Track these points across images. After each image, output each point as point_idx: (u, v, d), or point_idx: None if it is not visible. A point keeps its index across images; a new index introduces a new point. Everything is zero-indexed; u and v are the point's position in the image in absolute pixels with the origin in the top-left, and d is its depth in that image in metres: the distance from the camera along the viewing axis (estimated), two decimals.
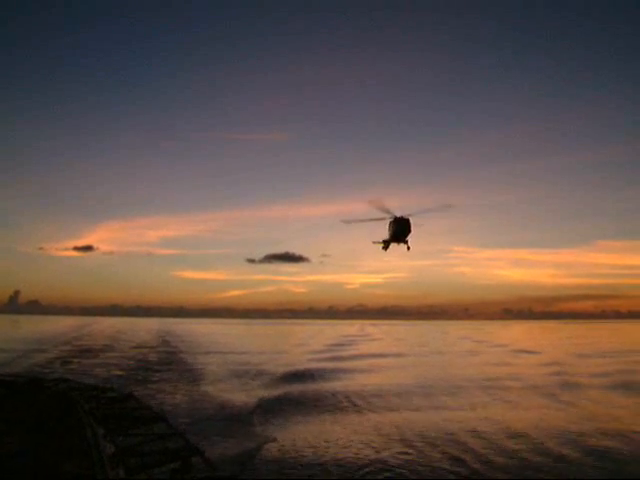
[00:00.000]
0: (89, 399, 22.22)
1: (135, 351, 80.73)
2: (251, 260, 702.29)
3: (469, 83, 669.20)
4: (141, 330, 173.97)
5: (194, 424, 27.60)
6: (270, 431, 27.27)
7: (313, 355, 76.34)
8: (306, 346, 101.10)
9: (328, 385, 43.67)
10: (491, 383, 46.28)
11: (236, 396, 38.06)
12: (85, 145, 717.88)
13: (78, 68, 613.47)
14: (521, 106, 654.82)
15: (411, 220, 30.24)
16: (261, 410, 32.75)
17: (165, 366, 58.64)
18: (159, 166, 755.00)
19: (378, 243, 32.63)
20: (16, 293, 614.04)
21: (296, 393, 38.78)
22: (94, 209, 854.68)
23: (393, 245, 31.98)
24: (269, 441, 24.84)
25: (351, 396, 37.86)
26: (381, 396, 38.42)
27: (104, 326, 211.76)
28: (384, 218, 30.67)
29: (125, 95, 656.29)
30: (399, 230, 30.58)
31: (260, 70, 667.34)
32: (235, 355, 76.91)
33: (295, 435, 26.34)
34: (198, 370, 54.83)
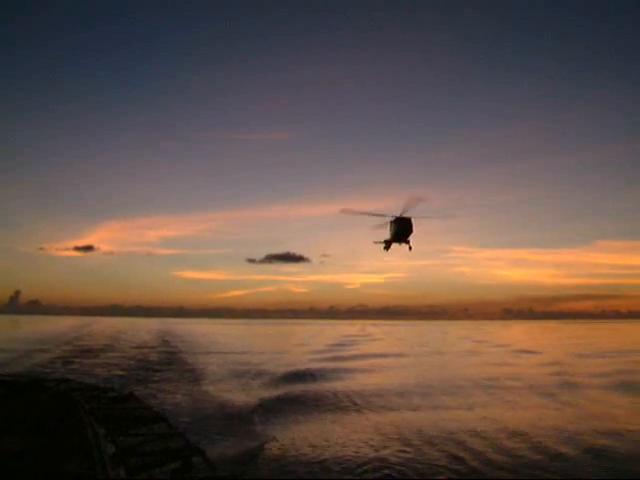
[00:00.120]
0: (90, 399, 22.25)
1: (135, 351, 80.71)
2: (251, 260, 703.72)
3: (469, 83, 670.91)
4: (141, 330, 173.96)
5: (195, 424, 27.64)
6: (271, 430, 27.28)
7: (314, 355, 76.33)
8: (307, 346, 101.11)
9: (329, 385, 43.68)
10: (491, 383, 46.26)
11: (236, 396, 38.09)
12: (85, 145, 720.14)
13: (78, 68, 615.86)
14: (521, 106, 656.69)
15: (413, 220, 30.04)
16: (262, 410, 32.76)
17: (165, 366, 58.64)
18: (159, 166, 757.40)
19: (379, 243, 32.47)
20: (16, 293, 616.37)
21: (297, 393, 38.78)
22: (94, 209, 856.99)
23: (394, 245, 31.89)
24: (270, 440, 24.84)
25: (352, 396, 37.87)
26: (382, 396, 38.42)
27: (104, 326, 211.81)
28: (385, 215, 30.59)
29: (125, 95, 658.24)
30: (400, 230, 30.41)
31: (260, 70, 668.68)
32: (235, 355, 76.91)
33: (296, 434, 26.36)
34: (198, 370, 54.84)
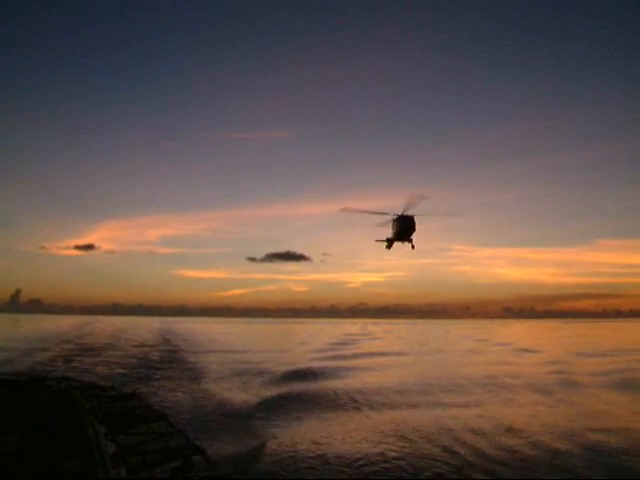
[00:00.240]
0: (90, 398, 22.28)
1: (137, 350, 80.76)
2: (252, 259, 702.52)
3: (469, 82, 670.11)
4: (142, 329, 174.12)
5: (195, 422, 27.62)
6: (272, 429, 27.27)
7: (315, 354, 76.33)
8: (307, 345, 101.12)
9: (330, 383, 43.66)
10: (491, 381, 46.26)
11: (237, 394, 38.09)
12: (85, 145, 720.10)
13: (78, 68, 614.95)
14: (521, 105, 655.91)
15: (415, 219, 29.44)
16: (262, 408, 32.75)
17: (166, 364, 58.67)
18: (159, 165, 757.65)
19: (381, 241, 32.12)
20: (17, 292, 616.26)
21: (298, 391, 38.76)
22: (94, 208, 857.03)
23: (395, 243, 31.49)
24: (271, 439, 24.82)
25: (353, 394, 37.85)
26: (382, 394, 38.41)
27: (105, 325, 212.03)
28: (387, 213, 30.09)
29: (125, 95, 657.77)
30: (403, 228, 29.92)
31: (260, 70, 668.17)
32: (236, 354, 76.91)
33: (297, 432, 26.35)
34: (199, 368, 54.84)
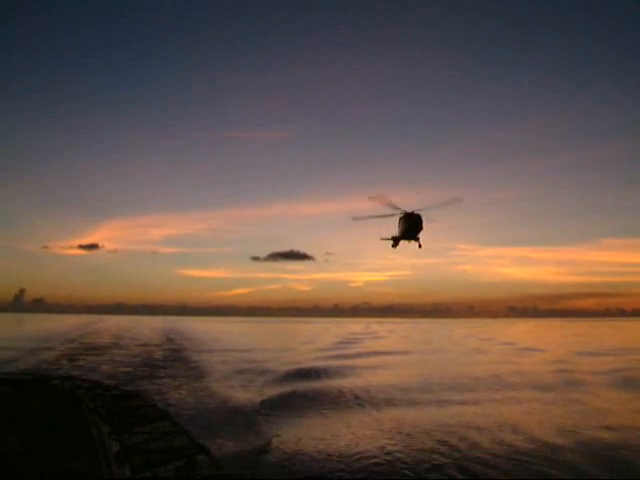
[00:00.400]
0: (94, 397, 22.29)
1: (140, 349, 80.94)
2: (256, 258, 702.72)
3: (469, 81, 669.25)
4: (146, 328, 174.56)
5: (199, 421, 27.63)
6: (275, 427, 27.25)
7: (318, 353, 76.27)
8: (311, 344, 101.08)
9: (333, 382, 43.58)
10: (495, 380, 46.12)
11: (241, 393, 38.09)
12: (85, 144, 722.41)
13: (78, 68, 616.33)
14: (521, 104, 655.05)
15: (422, 216, 29.11)
16: (266, 407, 32.72)
17: (170, 363, 58.74)
18: (159, 165, 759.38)
19: (386, 240, 31.84)
20: (21, 291, 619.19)
21: (301, 390, 38.70)
22: (94, 208, 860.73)
23: (401, 242, 31.13)
24: (274, 437, 24.78)
25: (356, 393, 37.77)
26: (386, 393, 38.32)
27: (109, 324, 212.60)
28: (394, 214, 29.65)
29: (125, 95, 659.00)
30: (410, 227, 29.50)
31: (260, 69, 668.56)
32: (240, 353, 76.96)
33: (300, 431, 26.32)
34: (202, 367, 54.88)
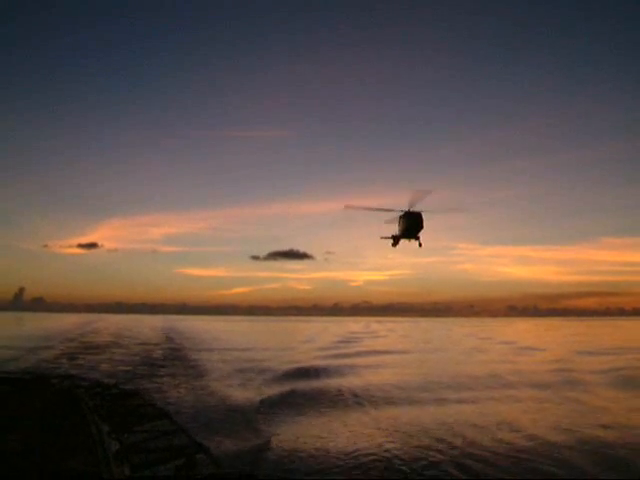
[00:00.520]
0: (94, 396, 22.26)
1: (140, 347, 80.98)
2: (255, 257, 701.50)
3: (469, 81, 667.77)
4: (145, 327, 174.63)
5: (198, 420, 27.61)
6: (275, 426, 27.21)
7: (318, 352, 76.31)
8: (311, 343, 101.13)
9: (333, 381, 43.60)
10: (495, 379, 46.12)
11: (240, 392, 38.08)
12: (85, 144, 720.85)
13: (78, 68, 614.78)
14: (521, 104, 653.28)
15: (423, 215, 28.97)
16: (266, 405, 32.70)
17: (170, 362, 58.77)
18: (159, 164, 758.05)
19: (387, 238, 31.75)
20: (21, 290, 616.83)
21: (301, 389, 38.70)
22: (94, 207, 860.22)
23: (401, 241, 31.04)
24: (274, 436, 24.72)
25: (356, 392, 37.76)
26: (385, 391, 38.38)
27: (109, 323, 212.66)
28: (392, 210, 29.56)
29: (125, 94, 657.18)
30: (410, 225, 29.40)
31: (260, 69, 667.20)
32: (239, 352, 76.96)
33: (300, 430, 26.29)
34: (202, 366, 54.89)
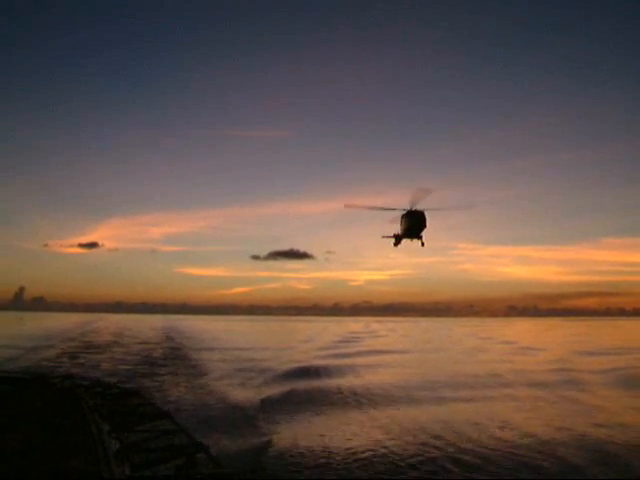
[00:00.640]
0: (94, 395, 22.26)
1: (140, 347, 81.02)
2: (256, 257, 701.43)
3: (469, 80, 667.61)
4: (146, 327, 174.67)
5: (198, 420, 27.53)
6: (275, 426, 27.19)
7: (318, 352, 76.30)
8: (311, 343, 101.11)
9: (333, 381, 43.61)
10: (495, 379, 46.19)
11: (240, 391, 38.07)
12: (85, 144, 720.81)
13: (78, 68, 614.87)
14: (521, 103, 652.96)
15: (426, 214, 28.25)
16: (266, 405, 32.68)
17: (170, 361, 58.79)
18: (159, 163, 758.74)
19: (388, 237, 31.12)
20: (21, 290, 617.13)
21: (301, 389, 38.72)
22: (95, 207, 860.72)
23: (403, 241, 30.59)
24: (274, 436, 24.71)
25: (356, 391, 37.81)
26: (385, 391, 38.43)
27: (109, 323, 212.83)
28: (394, 209, 28.87)
29: (125, 94, 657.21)
30: (413, 224, 28.71)
31: (260, 68, 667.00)
32: (239, 351, 76.94)
33: (300, 430, 26.30)
34: (202, 366, 54.91)
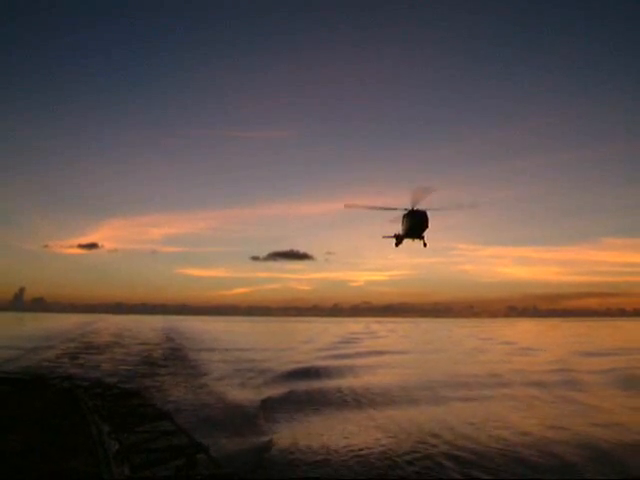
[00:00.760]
0: (94, 396, 22.26)
1: (141, 347, 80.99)
2: (256, 258, 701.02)
3: (469, 81, 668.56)
4: (146, 327, 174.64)
5: (198, 420, 27.53)
6: (275, 427, 27.20)
7: (318, 352, 76.27)
8: (311, 343, 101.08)
9: (333, 382, 43.62)
10: (495, 379, 46.18)
11: (241, 392, 38.04)
12: (85, 144, 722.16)
13: (78, 68, 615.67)
14: (521, 103, 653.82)
15: (428, 214, 27.72)
16: (266, 406, 32.66)
17: (170, 362, 58.76)
18: (159, 164, 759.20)
19: (389, 237, 30.55)
20: (21, 290, 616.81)
21: (301, 389, 38.73)
22: (95, 207, 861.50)
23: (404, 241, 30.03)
24: (274, 437, 24.69)
25: (356, 392, 37.82)
26: (386, 391, 38.41)
27: (109, 323, 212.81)
28: (395, 208, 28.31)
29: (125, 94, 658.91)
30: (415, 224, 28.17)
31: (260, 68, 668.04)
32: (240, 352, 76.94)
33: (300, 430, 26.28)
34: (202, 366, 54.89)
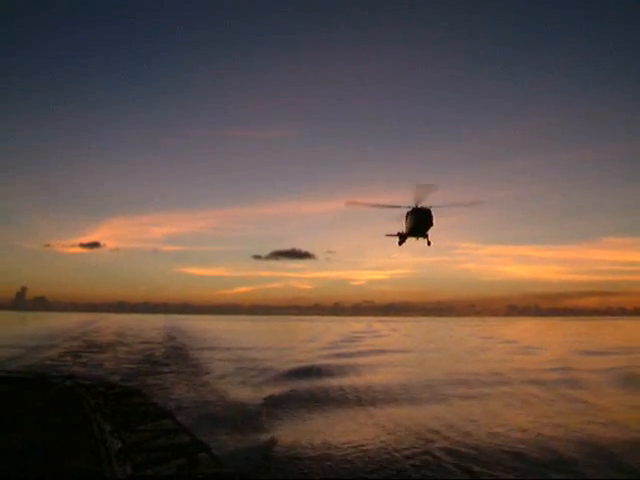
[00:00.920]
0: (96, 395, 22.28)
1: (143, 346, 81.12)
2: (257, 257, 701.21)
3: (469, 80, 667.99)
4: (147, 326, 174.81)
5: (200, 419, 27.58)
6: (277, 425, 27.22)
7: (320, 351, 76.33)
8: (313, 342, 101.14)
9: (335, 380, 43.65)
10: (496, 378, 46.19)
11: (243, 391, 38.08)
12: (85, 144, 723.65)
13: (78, 68, 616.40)
14: (521, 103, 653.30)
15: (432, 212, 27.05)
16: (268, 405, 32.71)
17: (172, 361, 58.85)
18: (160, 164, 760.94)
19: (392, 236, 29.98)
20: (23, 290, 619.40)
21: (303, 388, 38.76)
22: (95, 207, 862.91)
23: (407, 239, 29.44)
24: (276, 435, 24.72)
25: (358, 391, 37.87)
26: (387, 390, 38.45)
27: (111, 322, 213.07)
28: (399, 206, 27.71)
29: (125, 94, 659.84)
30: (419, 222, 27.43)
31: (260, 68, 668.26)
32: (241, 351, 76.97)
33: (302, 429, 26.31)
34: (204, 365, 54.95)
